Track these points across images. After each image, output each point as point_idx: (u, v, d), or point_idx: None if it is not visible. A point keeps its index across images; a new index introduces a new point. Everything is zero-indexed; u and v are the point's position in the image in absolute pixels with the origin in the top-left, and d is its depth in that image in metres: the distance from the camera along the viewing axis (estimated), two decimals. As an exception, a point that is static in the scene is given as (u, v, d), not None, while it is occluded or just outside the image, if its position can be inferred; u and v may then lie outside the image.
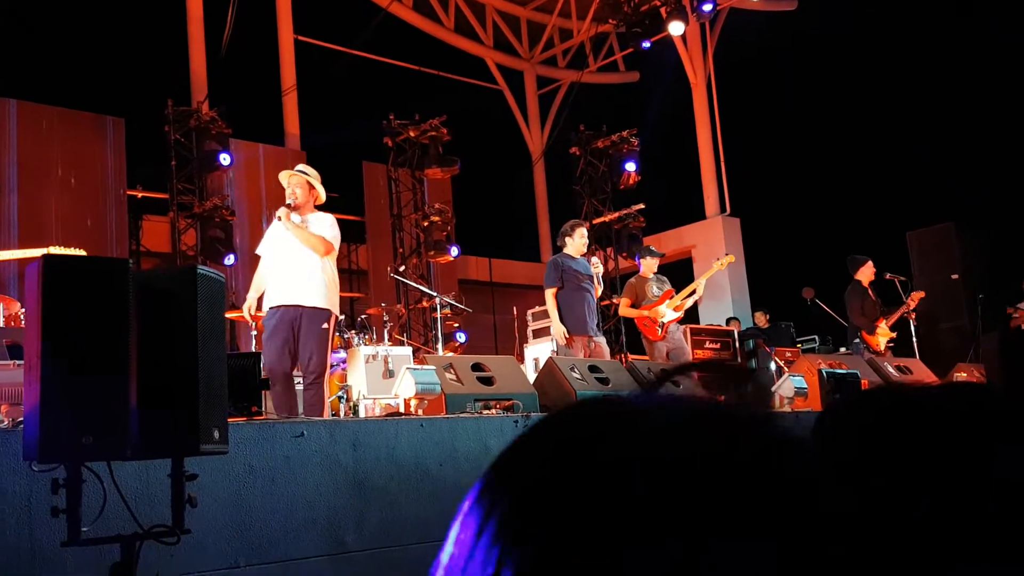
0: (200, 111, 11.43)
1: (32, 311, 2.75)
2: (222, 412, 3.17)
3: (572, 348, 7.37)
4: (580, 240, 7.73)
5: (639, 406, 0.53)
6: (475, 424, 4.90)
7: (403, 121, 13.19)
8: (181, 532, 3.01)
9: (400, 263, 12.94)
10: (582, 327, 7.39)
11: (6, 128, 10.24)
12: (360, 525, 4.30)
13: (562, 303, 7.47)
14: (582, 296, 7.45)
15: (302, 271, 5.70)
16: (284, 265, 5.74)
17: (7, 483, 3.28)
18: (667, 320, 8.36)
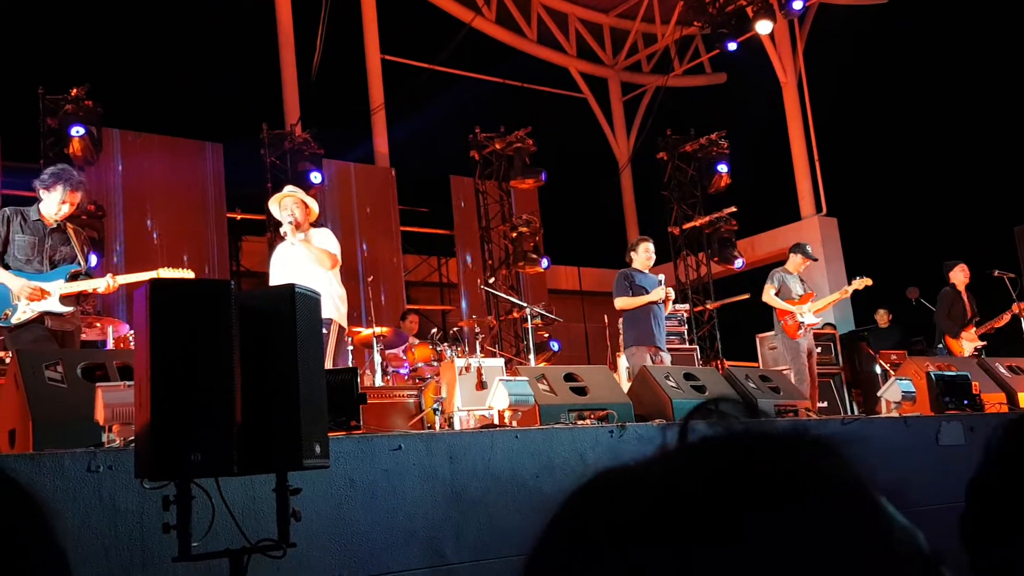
0: (293, 133, 11.74)
1: (140, 333, 2.85)
2: (323, 427, 3.22)
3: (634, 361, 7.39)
4: (645, 255, 7.81)
5: None
6: (570, 435, 4.87)
7: (489, 134, 13.29)
8: (287, 546, 3.07)
9: (489, 275, 13.02)
10: (647, 339, 7.47)
11: (112, 156, 10.69)
12: (459, 537, 4.32)
13: (628, 316, 7.64)
14: (648, 309, 7.51)
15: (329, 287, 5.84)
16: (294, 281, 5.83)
17: (120, 500, 3.41)
18: (807, 322, 8.29)
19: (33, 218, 5.16)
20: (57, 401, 3.92)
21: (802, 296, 8.43)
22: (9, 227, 5.07)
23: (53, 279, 5.10)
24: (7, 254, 5.07)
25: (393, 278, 12.70)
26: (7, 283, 4.98)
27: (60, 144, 9.71)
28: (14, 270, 5.04)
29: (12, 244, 5.07)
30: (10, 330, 5.02)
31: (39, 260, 5.11)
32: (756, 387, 6.35)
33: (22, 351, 4.29)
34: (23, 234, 5.10)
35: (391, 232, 12.97)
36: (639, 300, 7.52)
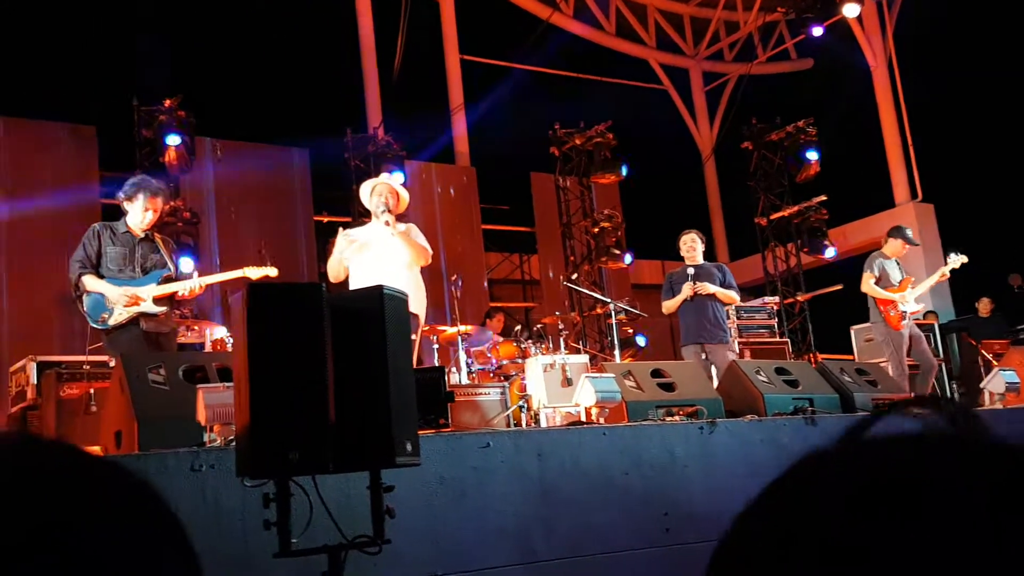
0: (376, 136, 11.92)
1: (239, 336, 2.94)
2: (413, 425, 3.27)
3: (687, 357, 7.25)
4: (682, 247, 7.68)
5: None
6: (659, 431, 4.83)
7: (568, 129, 13.25)
8: (382, 542, 3.12)
9: (572, 271, 12.99)
10: (689, 336, 7.36)
11: (204, 163, 11.04)
12: (549, 534, 4.33)
13: (677, 313, 7.56)
14: (689, 305, 7.37)
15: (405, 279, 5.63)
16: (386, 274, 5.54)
17: (223, 498, 3.52)
18: (909, 310, 7.99)
19: (121, 231, 5.39)
20: (160, 402, 4.07)
21: (901, 282, 8.09)
22: (100, 240, 5.31)
23: (146, 284, 5.32)
24: (101, 265, 5.30)
25: (476, 276, 12.79)
26: (103, 291, 5.21)
27: (155, 153, 10.06)
28: (109, 279, 5.27)
29: (105, 256, 5.31)
30: (107, 332, 5.27)
31: (131, 268, 5.33)
32: (852, 380, 6.19)
33: (126, 355, 4.46)
34: (114, 246, 5.33)
35: (473, 230, 13.06)
36: (674, 302, 7.46)
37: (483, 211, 13.34)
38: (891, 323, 7.94)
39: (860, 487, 0.51)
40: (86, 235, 5.36)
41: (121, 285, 5.25)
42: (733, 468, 4.94)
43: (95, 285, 5.24)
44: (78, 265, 5.28)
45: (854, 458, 0.54)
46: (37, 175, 9.85)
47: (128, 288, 5.24)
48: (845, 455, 0.55)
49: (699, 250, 7.63)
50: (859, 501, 0.50)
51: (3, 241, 9.38)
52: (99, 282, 5.24)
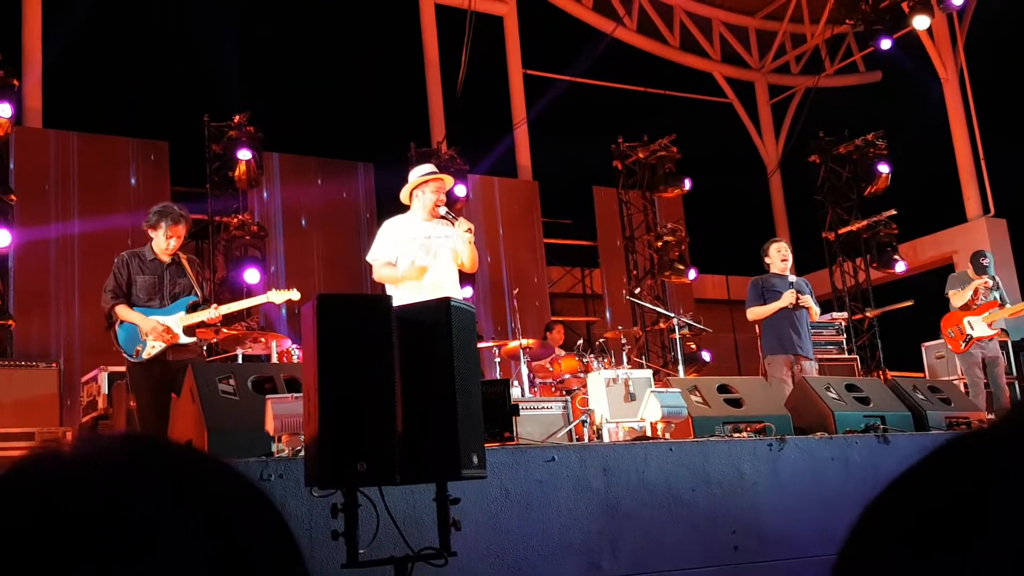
0: (439, 150, 12.01)
1: (309, 347, 2.97)
2: (479, 437, 3.26)
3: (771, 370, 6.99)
4: (778, 256, 7.34)
5: None
6: (727, 448, 4.75)
7: (632, 143, 13.20)
8: (448, 554, 3.12)
9: (634, 285, 12.90)
10: (783, 347, 7.00)
11: (271, 178, 11.25)
12: (615, 550, 4.28)
13: (764, 323, 7.18)
14: (785, 314, 7.05)
15: (454, 283, 5.53)
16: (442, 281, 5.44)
17: (290, 507, 3.55)
18: (975, 335, 7.68)
19: (149, 258, 5.46)
20: (230, 413, 4.13)
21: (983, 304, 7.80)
22: (129, 270, 5.39)
23: (174, 312, 5.37)
24: (131, 294, 5.38)
25: (537, 290, 12.78)
26: (137, 322, 5.28)
27: (225, 169, 10.27)
28: (138, 307, 5.34)
29: (134, 285, 5.38)
30: (136, 365, 5.32)
31: (159, 297, 5.40)
32: (925, 398, 6.02)
33: (196, 365, 4.55)
34: (143, 275, 5.40)
35: (535, 244, 13.06)
36: (767, 309, 7.10)
37: (545, 225, 13.34)
38: (949, 343, 7.70)
39: None
40: (115, 264, 5.44)
41: (150, 315, 5.31)
42: (803, 486, 4.83)
43: (128, 315, 5.30)
44: (110, 295, 5.34)
45: None
46: (110, 190, 10.13)
47: (159, 318, 5.29)
48: None
49: (791, 260, 7.40)
50: None
51: (77, 255, 9.66)
52: (131, 312, 5.31)
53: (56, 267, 9.58)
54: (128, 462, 0.56)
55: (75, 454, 0.57)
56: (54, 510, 0.52)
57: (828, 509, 4.86)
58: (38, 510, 0.52)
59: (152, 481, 0.55)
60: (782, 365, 6.94)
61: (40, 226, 9.52)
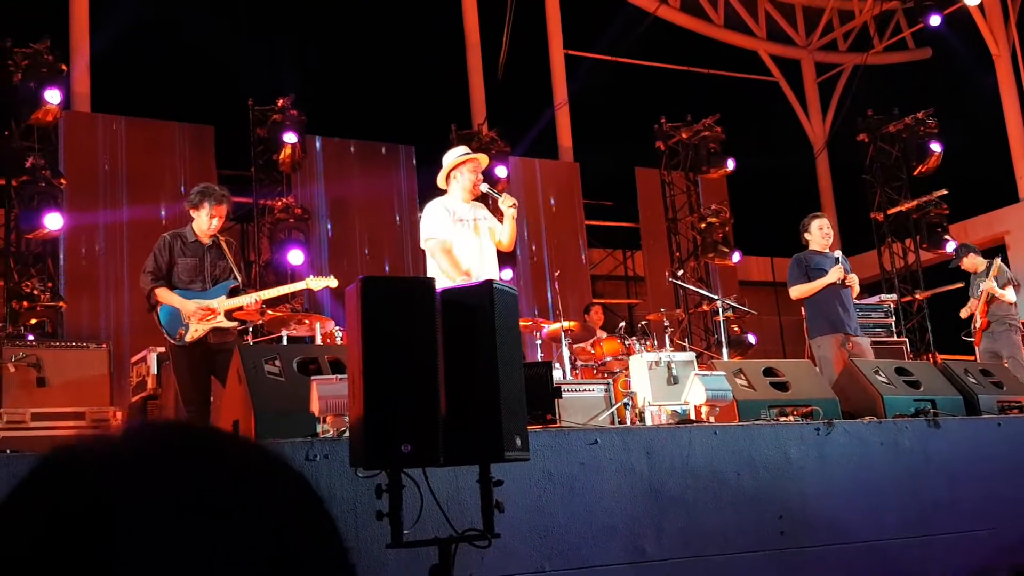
0: (480, 132, 11.98)
1: (353, 329, 2.98)
2: (522, 420, 3.26)
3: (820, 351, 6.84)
4: (818, 232, 7.10)
5: None
6: (773, 432, 4.69)
7: (675, 123, 13.06)
8: (491, 536, 3.12)
9: (678, 267, 12.79)
10: (833, 326, 6.78)
11: (314, 161, 11.31)
12: (659, 533, 4.26)
13: (809, 303, 6.96)
14: (831, 291, 6.83)
15: (494, 264, 5.52)
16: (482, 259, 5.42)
17: (336, 488, 3.58)
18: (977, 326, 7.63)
19: (190, 239, 5.43)
20: (276, 394, 4.17)
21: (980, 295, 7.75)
22: (172, 252, 5.36)
23: (215, 295, 5.35)
24: (172, 276, 5.36)
25: (579, 272, 12.74)
26: (178, 304, 5.25)
27: (268, 152, 10.35)
28: (179, 290, 5.32)
29: (176, 267, 5.36)
30: (178, 347, 5.30)
31: (201, 280, 5.38)
32: (976, 382, 5.89)
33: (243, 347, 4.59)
34: (184, 257, 5.37)
35: (576, 226, 13.01)
36: (814, 285, 6.85)
37: (586, 207, 13.27)
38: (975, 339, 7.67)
39: None
40: (156, 245, 5.40)
41: (192, 297, 5.29)
42: (851, 471, 4.76)
43: (169, 298, 5.27)
44: (150, 277, 5.31)
45: None
46: (157, 173, 10.27)
47: (201, 301, 5.28)
48: None
49: (832, 236, 7.19)
50: None
51: (125, 238, 9.82)
52: (172, 295, 5.27)
53: (105, 249, 9.74)
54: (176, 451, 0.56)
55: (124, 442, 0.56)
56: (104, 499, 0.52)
57: (876, 494, 4.78)
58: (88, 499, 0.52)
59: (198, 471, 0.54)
60: (832, 345, 6.73)
61: (89, 209, 9.69)
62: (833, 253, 7.04)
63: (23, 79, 8.76)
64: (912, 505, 4.86)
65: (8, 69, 8.85)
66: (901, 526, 4.79)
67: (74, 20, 10.50)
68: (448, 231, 5.38)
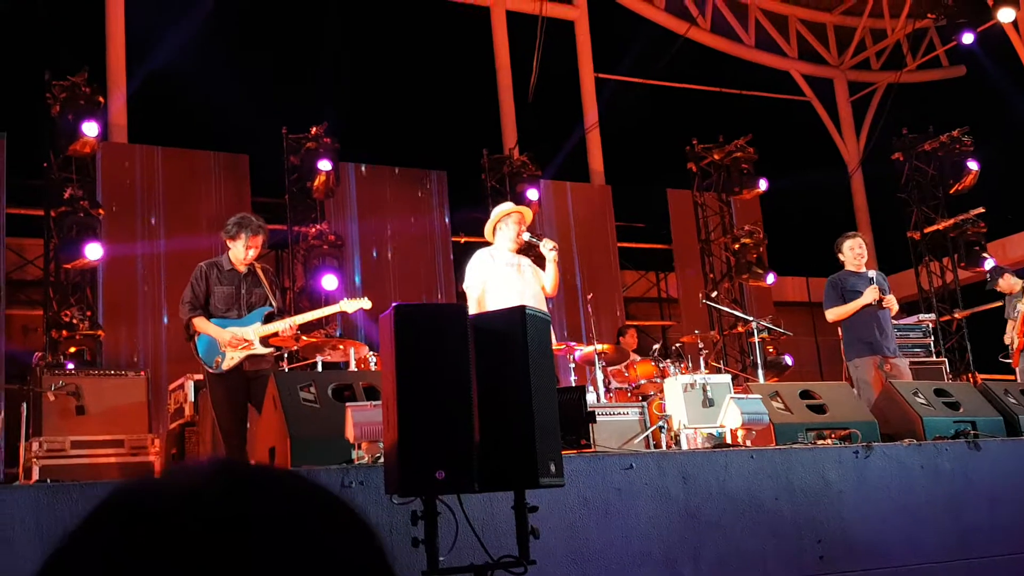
0: (512, 157, 12.04)
1: (387, 356, 2.99)
2: (556, 445, 3.24)
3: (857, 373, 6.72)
4: (850, 253, 7.04)
5: None
6: (811, 455, 4.63)
7: (707, 145, 13.03)
8: (527, 563, 3.10)
9: (711, 288, 12.71)
10: (870, 348, 6.67)
11: (347, 188, 11.42)
12: (696, 558, 4.21)
13: (846, 325, 6.86)
14: (867, 312, 6.72)
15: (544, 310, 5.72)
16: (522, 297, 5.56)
17: (371, 513, 3.58)
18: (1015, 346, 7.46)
19: (227, 268, 5.52)
20: (311, 420, 4.20)
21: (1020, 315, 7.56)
22: (208, 281, 5.45)
23: (250, 323, 5.42)
24: (209, 305, 5.44)
25: (611, 295, 12.70)
26: (213, 334, 5.34)
27: (302, 180, 10.47)
28: (216, 319, 5.41)
29: (213, 295, 5.45)
30: (215, 376, 5.37)
31: (237, 308, 5.46)
32: (1017, 402, 5.78)
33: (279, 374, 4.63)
34: (221, 285, 5.46)
35: (608, 249, 12.99)
36: (849, 308, 6.75)
37: (618, 229, 13.26)
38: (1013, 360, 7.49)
39: None
40: (194, 275, 5.49)
41: (228, 325, 5.37)
42: (891, 494, 4.68)
43: (205, 327, 5.36)
44: (188, 307, 5.40)
45: None
46: (193, 202, 10.41)
47: (236, 330, 5.35)
48: None
49: (866, 256, 7.10)
50: None
51: (163, 266, 9.95)
52: (209, 324, 5.36)
53: (143, 278, 9.88)
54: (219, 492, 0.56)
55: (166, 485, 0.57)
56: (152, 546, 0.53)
57: (917, 518, 4.70)
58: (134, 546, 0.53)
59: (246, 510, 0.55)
60: (870, 367, 6.62)
61: (127, 238, 9.84)
62: (869, 273, 6.93)
63: (61, 111, 8.95)
64: (953, 528, 4.77)
65: (47, 102, 9.05)
66: (942, 550, 4.69)
67: (111, 52, 10.71)
68: (489, 276, 5.77)
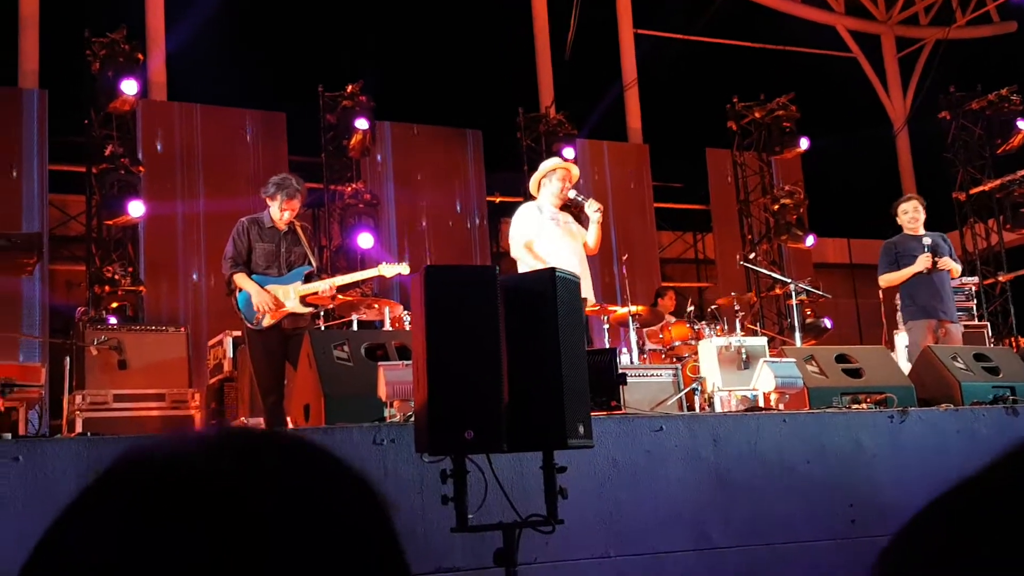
0: (548, 115, 11.94)
1: (417, 318, 3.01)
2: (586, 407, 3.26)
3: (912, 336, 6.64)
4: (904, 217, 6.94)
5: None
6: (844, 420, 4.61)
7: (747, 103, 12.82)
8: (555, 522, 3.13)
9: (749, 250, 12.59)
10: (924, 311, 6.60)
11: (382, 147, 11.42)
12: (726, 522, 4.22)
13: (903, 287, 6.81)
14: (925, 277, 6.64)
15: (587, 267, 5.84)
16: (574, 259, 5.67)
17: (402, 472, 3.64)
18: None
19: (267, 225, 5.56)
20: (345, 379, 4.25)
21: None
22: (249, 237, 5.50)
23: (291, 281, 5.47)
24: (250, 262, 5.50)
25: (647, 256, 12.63)
26: (253, 293, 5.37)
27: (338, 138, 10.49)
28: (256, 275, 5.46)
29: (254, 252, 5.50)
30: (254, 331, 5.43)
31: (277, 266, 5.51)
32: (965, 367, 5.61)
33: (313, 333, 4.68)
34: (261, 242, 5.51)
35: (644, 209, 12.88)
36: (900, 275, 6.70)
37: (655, 189, 13.13)
38: None
39: None
40: (235, 231, 5.54)
41: (268, 283, 5.42)
42: (925, 460, 4.65)
43: (246, 284, 5.41)
44: (230, 263, 5.46)
45: None
46: (231, 160, 10.49)
47: (275, 287, 5.40)
48: None
49: (922, 219, 6.98)
50: None
51: (202, 222, 10.06)
52: (250, 281, 5.41)
53: (183, 235, 10.01)
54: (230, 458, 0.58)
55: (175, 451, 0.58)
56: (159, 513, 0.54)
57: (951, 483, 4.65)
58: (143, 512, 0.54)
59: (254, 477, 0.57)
60: (924, 331, 6.55)
61: (167, 195, 9.95)
62: (924, 238, 6.82)
63: (101, 68, 9.03)
64: (990, 495, 4.72)
65: (87, 59, 9.13)
66: (977, 516, 4.65)
67: (150, 10, 10.75)
68: (537, 230, 5.76)
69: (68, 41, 9.63)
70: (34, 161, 9.42)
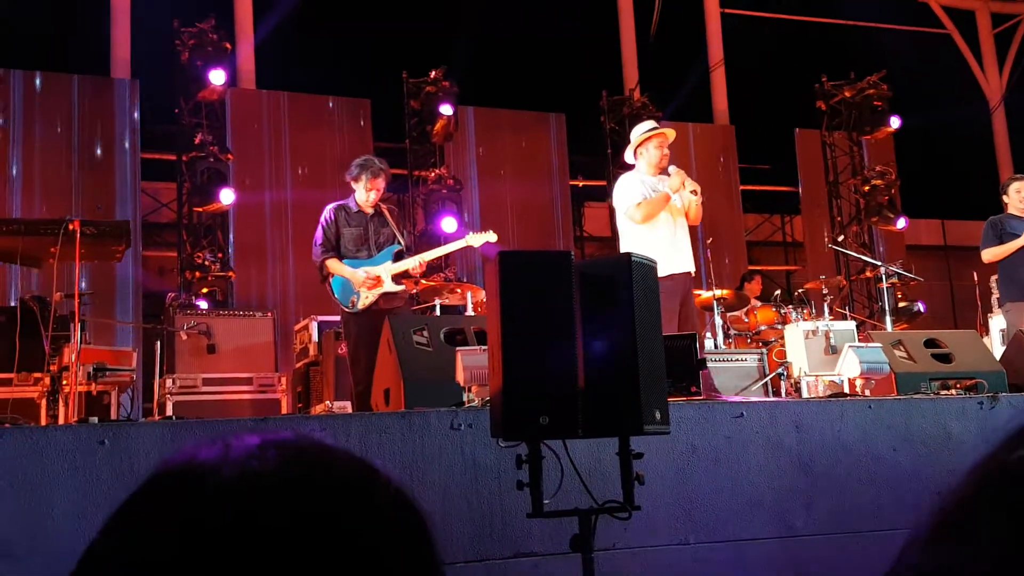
0: (632, 98, 11.82)
1: (492, 302, 3.04)
2: (663, 393, 3.23)
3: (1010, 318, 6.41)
4: (1015, 196, 6.74)
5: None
6: (932, 406, 4.47)
7: (837, 82, 12.46)
8: (632, 508, 3.13)
9: (839, 232, 12.27)
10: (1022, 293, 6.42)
11: (466, 132, 11.48)
12: (809, 509, 4.15)
13: (1001, 266, 6.67)
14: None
15: (688, 238, 5.76)
16: (675, 231, 5.69)
17: (479, 457, 3.68)
18: None
19: (354, 209, 5.67)
20: (424, 363, 4.32)
21: None
22: (337, 222, 5.62)
23: (381, 262, 5.58)
24: (340, 247, 5.61)
25: (733, 239, 12.42)
26: (347, 274, 5.50)
27: (422, 124, 10.59)
28: (347, 259, 5.58)
29: (342, 237, 5.61)
30: (351, 315, 5.56)
31: (367, 248, 5.62)
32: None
33: (393, 318, 4.76)
34: (349, 227, 5.62)
35: (731, 191, 12.66)
36: (1006, 248, 6.53)
37: (742, 171, 12.89)
38: None
39: None
40: (323, 217, 5.67)
41: (359, 265, 5.53)
42: (1020, 450, 4.48)
43: (339, 268, 5.54)
44: (320, 249, 5.60)
45: None
46: (318, 146, 10.69)
47: (369, 268, 5.50)
48: None
49: None
50: None
51: (290, 209, 10.30)
52: (342, 265, 5.54)
53: (271, 222, 10.27)
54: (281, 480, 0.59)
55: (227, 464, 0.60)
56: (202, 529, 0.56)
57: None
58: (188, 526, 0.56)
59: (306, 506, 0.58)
60: (1023, 312, 6.40)
61: (255, 182, 10.22)
62: None
63: (190, 58, 9.31)
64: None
65: (176, 48, 9.42)
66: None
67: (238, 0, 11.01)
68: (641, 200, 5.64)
69: (159, 31, 9.94)
70: (127, 149, 9.78)
